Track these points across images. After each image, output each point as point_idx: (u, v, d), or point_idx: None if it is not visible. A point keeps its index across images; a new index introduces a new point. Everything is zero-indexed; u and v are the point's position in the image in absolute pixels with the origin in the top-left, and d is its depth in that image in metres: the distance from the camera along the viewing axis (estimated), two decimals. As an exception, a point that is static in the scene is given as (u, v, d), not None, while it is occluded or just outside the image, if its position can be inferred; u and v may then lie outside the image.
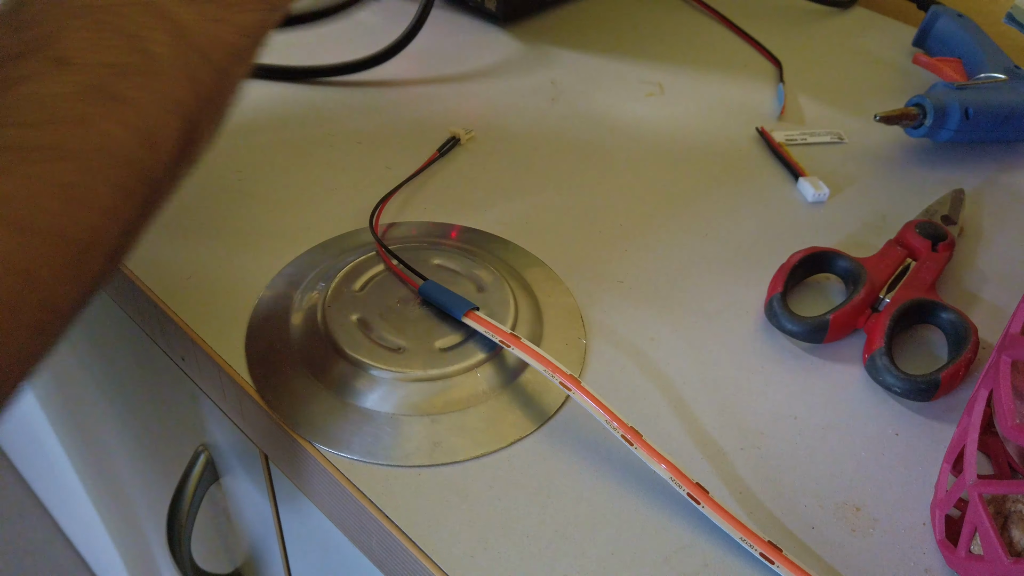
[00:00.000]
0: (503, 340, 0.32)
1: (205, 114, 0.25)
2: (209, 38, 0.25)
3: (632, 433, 0.30)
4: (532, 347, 0.32)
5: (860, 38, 0.64)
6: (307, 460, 0.31)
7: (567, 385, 0.31)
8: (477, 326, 0.33)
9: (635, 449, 0.30)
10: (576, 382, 0.31)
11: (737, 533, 0.28)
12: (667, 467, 0.29)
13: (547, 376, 0.31)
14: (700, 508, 0.29)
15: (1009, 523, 0.28)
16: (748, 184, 0.47)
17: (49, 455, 1.09)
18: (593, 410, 0.31)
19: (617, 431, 0.30)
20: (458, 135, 0.46)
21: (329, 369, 0.33)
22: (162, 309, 0.36)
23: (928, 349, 0.38)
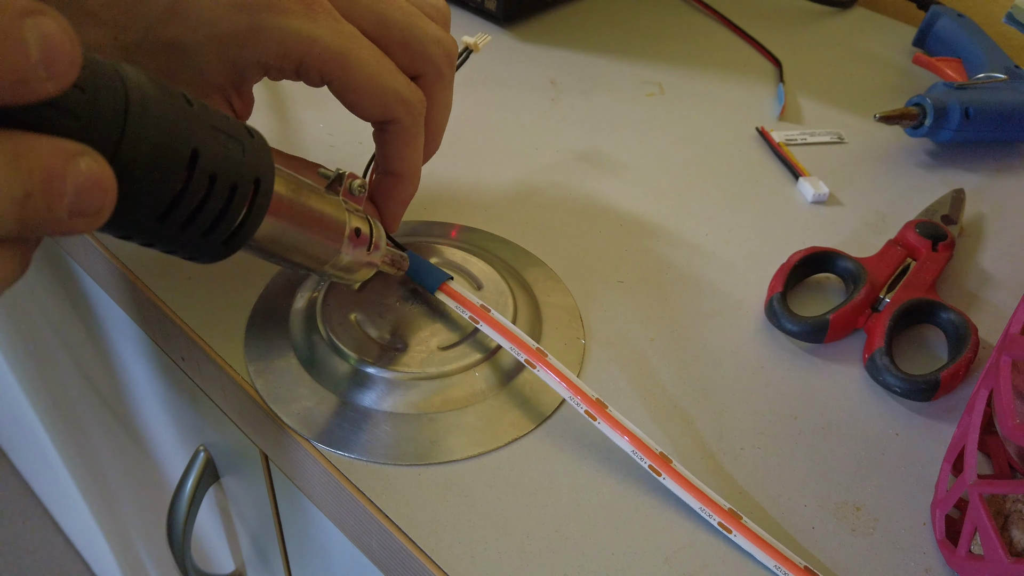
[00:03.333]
0: (472, 316, 0.33)
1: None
2: None
3: (596, 406, 0.30)
4: (500, 321, 0.32)
5: (860, 38, 0.63)
6: (307, 460, 0.31)
7: (531, 362, 0.31)
8: (449, 300, 0.33)
9: (599, 423, 0.30)
10: (541, 358, 0.31)
11: (696, 503, 0.29)
12: (629, 439, 0.30)
13: (513, 353, 0.31)
14: (661, 480, 0.29)
15: (1009, 523, 0.28)
16: (748, 184, 0.47)
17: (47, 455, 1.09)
18: (558, 385, 0.31)
19: (581, 406, 0.30)
20: (472, 45, 0.43)
21: (328, 368, 0.33)
22: (162, 309, 0.36)
23: (928, 349, 0.38)
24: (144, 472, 0.71)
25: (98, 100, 0.19)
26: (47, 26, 0.16)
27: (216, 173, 0.23)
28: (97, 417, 0.76)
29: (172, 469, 0.62)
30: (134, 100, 0.20)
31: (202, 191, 0.22)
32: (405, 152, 0.33)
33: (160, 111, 0.21)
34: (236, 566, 0.62)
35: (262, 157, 0.25)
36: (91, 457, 0.91)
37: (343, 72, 0.30)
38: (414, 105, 0.32)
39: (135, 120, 0.20)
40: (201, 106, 0.23)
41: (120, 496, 0.90)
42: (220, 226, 0.24)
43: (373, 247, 0.31)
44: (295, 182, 0.27)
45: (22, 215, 0.17)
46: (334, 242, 0.29)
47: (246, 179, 0.24)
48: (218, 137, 0.23)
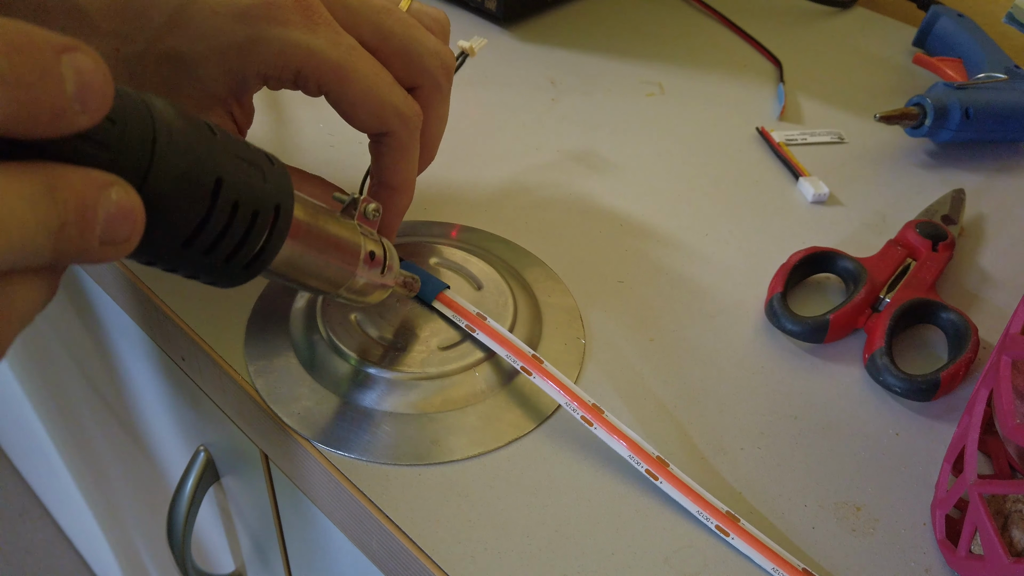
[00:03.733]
0: (469, 324, 0.33)
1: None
2: None
3: (592, 412, 0.30)
4: (496, 329, 0.32)
5: (860, 38, 0.63)
6: (307, 460, 0.31)
7: (527, 369, 0.31)
8: (445, 309, 0.34)
9: (595, 429, 0.30)
10: (537, 364, 0.31)
11: (694, 506, 0.29)
12: (627, 444, 0.30)
13: (509, 360, 0.32)
14: (659, 484, 0.29)
15: (1009, 523, 0.28)
16: (748, 184, 0.47)
17: (47, 455, 1.09)
18: (555, 392, 0.31)
19: (577, 412, 0.30)
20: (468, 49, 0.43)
21: (328, 368, 0.33)
22: (162, 309, 0.36)
23: (928, 349, 0.38)
24: (144, 472, 0.72)
25: (127, 131, 0.20)
26: (82, 62, 0.17)
27: (239, 200, 0.23)
28: (97, 417, 0.76)
29: (172, 469, 0.62)
30: (161, 130, 0.21)
31: (225, 218, 0.23)
32: (400, 165, 0.33)
33: (186, 141, 0.21)
34: (236, 566, 0.62)
35: (282, 184, 0.25)
36: (91, 457, 0.91)
37: (340, 84, 0.31)
38: (410, 119, 0.33)
39: (162, 150, 0.21)
40: (224, 135, 0.23)
41: (120, 496, 0.90)
42: (241, 252, 0.24)
43: (387, 269, 0.31)
44: (312, 207, 0.28)
45: (57, 245, 0.18)
46: (350, 266, 0.29)
47: (267, 206, 0.24)
48: (240, 165, 0.23)
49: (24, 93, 0.16)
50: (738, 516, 0.29)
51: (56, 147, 0.18)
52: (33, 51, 0.16)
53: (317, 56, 0.30)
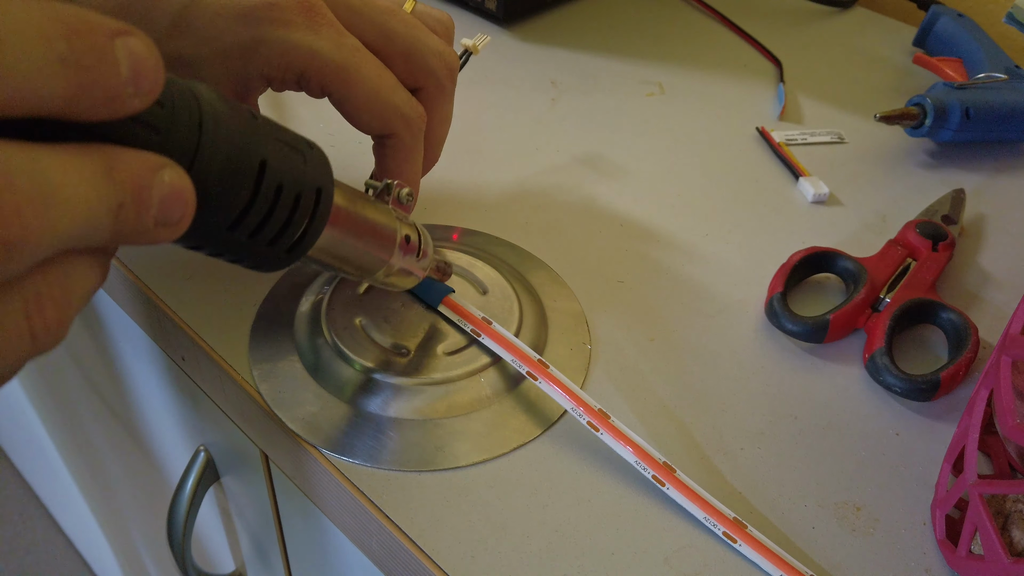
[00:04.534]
0: (474, 329, 0.33)
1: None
2: None
3: (598, 417, 0.30)
4: (502, 334, 0.32)
5: (860, 38, 0.63)
6: (308, 461, 0.31)
7: (533, 374, 0.31)
8: (451, 314, 0.34)
9: (601, 434, 0.30)
10: (543, 369, 0.31)
11: (701, 512, 0.29)
12: (633, 450, 0.30)
13: (515, 366, 0.32)
14: (665, 490, 0.29)
15: (1009, 523, 0.28)
16: (748, 184, 0.47)
17: (47, 455, 1.09)
18: (560, 397, 0.31)
19: (583, 417, 0.30)
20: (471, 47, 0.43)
21: (332, 373, 0.33)
22: (162, 309, 0.36)
23: (928, 349, 0.38)
24: (144, 472, 0.72)
25: (176, 115, 0.20)
26: (135, 45, 0.17)
27: (282, 183, 0.24)
28: (97, 417, 0.76)
29: (172, 469, 0.62)
30: (207, 115, 0.21)
31: (269, 201, 0.23)
32: (404, 166, 0.34)
33: (231, 125, 0.22)
34: (236, 566, 0.62)
35: (322, 168, 0.26)
36: (91, 457, 0.91)
37: (344, 85, 0.31)
38: (413, 120, 0.33)
39: (209, 133, 0.21)
40: (265, 120, 0.24)
41: (120, 496, 0.90)
42: (285, 235, 0.25)
43: (421, 254, 0.31)
44: (351, 192, 0.28)
45: (115, 225, 0.18)
46: (386, 251, 0.29)
47: (309, 189, 0.25)
48: (283, 149, 0.24)
49: (82, 76, 0.16)
50: (745, 523, 0.29)
51: (110, 130, 0.18)
52: (90, 34, 0.16)
53: (320, 58, 0.30)
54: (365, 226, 0.28)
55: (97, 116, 0.17)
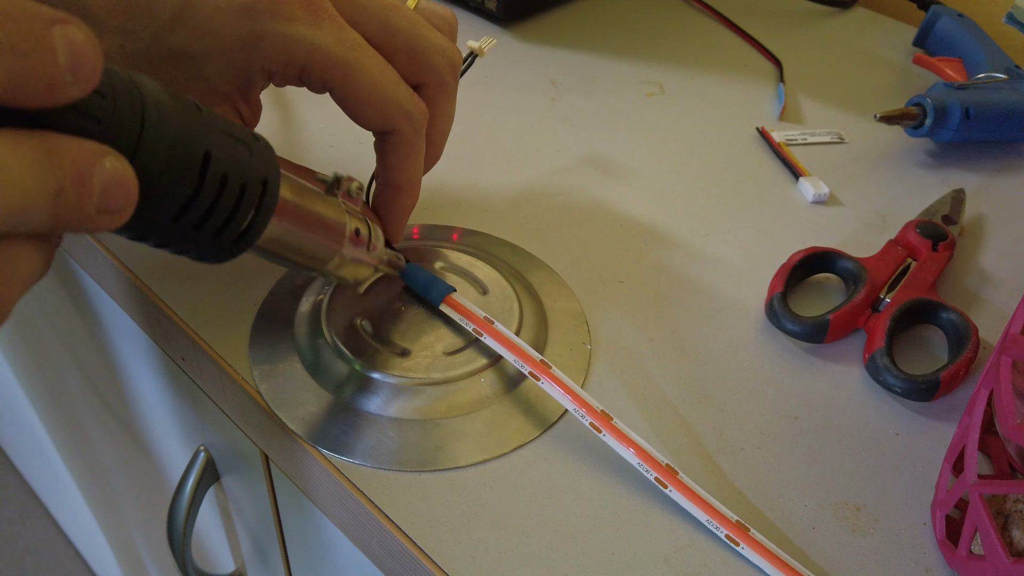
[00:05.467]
0: (476, 328, 0.33)
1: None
2: None
3: (601, 419, 0.30)
4: (504, 333, 0.32)
5: (860, 38, 0.63)
6: (308, 461, 0.31)
7: (535, 374, 0.31)
8: (452, 313, 0.33)
9: (604, 435, 0.30)
10: (545, 370, 0.31)
11: (704, 515, 0.29)
12: (635, 451, 0.30)
13: (517, 365, 0.32)
14: (667, 492, 0.29)
15: (1010, 523, 0.28)
16: (748, 184, 0.47)
17: (47, 455, 1.09)
18: (563, 398, 0.31)
19: (585, 418, 0.30)
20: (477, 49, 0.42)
21: (331, 372, 0.33)
22: (162, 309, 0.36)
23: (928, 349, 0.38)
24: (144, 472, 0.72)
25: (117, 105, 0.20)
26: (73, 34, 0.17)
27: (227, 174, 0.24)
28: (97, 417, 0.76)
29: (172, 469, 0.62)
30: (150, 105, 0.21)
31: (214, 192, 0.23)
32: (405, 163, 0.33)
33: (174, 116, 0.22)
34: (236, 566, 0.62)
35: (268, 159, 0.26)
36: (91, 457, 0.91)
37: (345, 80, 0.31)
38: (415, 116, 0.32)
39: (152, 123, 0.21)
40: (210, 112, 0.24)
41: (120, 496, 0.90)
42: (230, 226, 0.25)
43: (371, 248, 0.31)
44: (297, 185, 0.28)
45: (55, 210, 0.18)
46: (335, 243, 0.30)
47: (254, 180, 0.25)
48: (228, 140, 0.24)
49: (19, 62, 0.17)
50: (748, 526, 0.29)
51: (50, 118, 0.19)
52: (27, 21, 0.17)
53: (322, 52, 0.30)
54: (313, 218, 0.28)
55: (35, 103, 0.17)
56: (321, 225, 0.29)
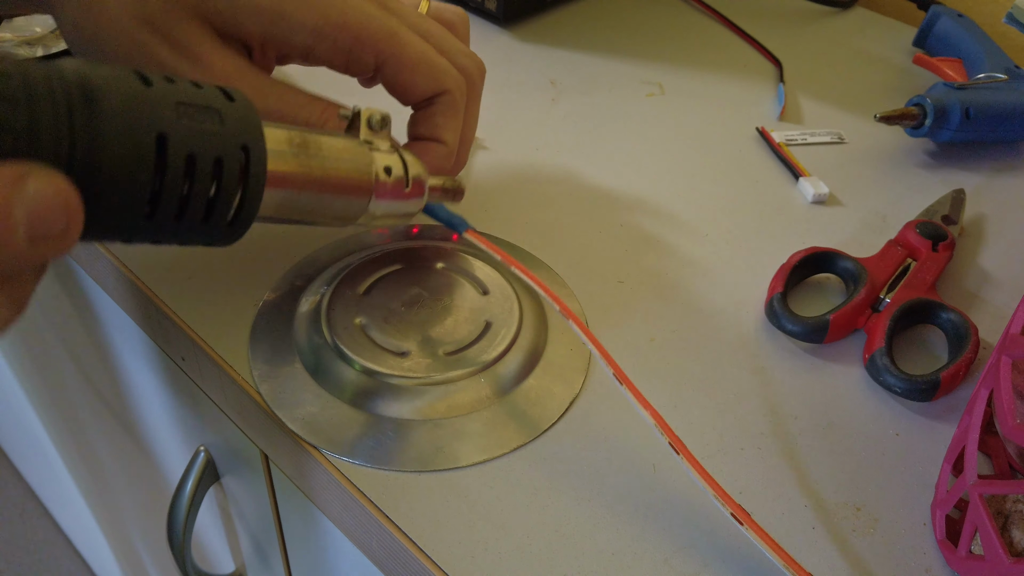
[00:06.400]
0: (502, 260, 0.31)
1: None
2: None
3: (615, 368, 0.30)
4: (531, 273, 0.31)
5: (860, 38, 0.64)
6: (308, 461, 0.31)
7: (564, 313, 0.30)
8: (478, 243, 0.32)
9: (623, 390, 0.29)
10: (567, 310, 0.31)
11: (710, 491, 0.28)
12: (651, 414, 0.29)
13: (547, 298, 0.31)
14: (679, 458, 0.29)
15: (1010, 523, 0.28)
16: (748, 184, 0.47)
17: (47, 455, 1.09)
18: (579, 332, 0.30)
19: (606, 367, 0.30)
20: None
21: (331, 372, 0.33)
22: (162, 309, 0.36)
23: (928, 349, 0.38)
24: (144, 472, 0.72)
25: (35, 109, 0.17)
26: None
27: (194, 153, 0.21)
28: (97, 417, 0.76)
29: (172, 469, 0.62)
30: (77, 99, 0.18)
31: (182, 176, 0.20)
32: (452, 123, 0.34)
33: (112, 104, 0.19)
34: (236, 566, 0.62)
35: (246, 121, 0.22)
36: (91, 457, 0.91)
37: (398, 49, 0.32)
38: (463, 80, 0.34)
39: (83, 122, 0.18)
40: (162, 82, 0.20)
41: (120, 496, 0.90)
42: (217, 208, 0.22)
43: (412, 182, 0.28)
44: (298, 137, 0.25)
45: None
46: (362, 192, 0.26)
47: (231, 151, 0.22)
48: (187, 112, 0.21)
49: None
50: (749, 512, 0.29)
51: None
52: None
53: (376, 21, 0.31)
54: (324, 173, 0.25)
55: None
56: (337, 180, 0.25)
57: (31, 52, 0.49)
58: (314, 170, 0.24)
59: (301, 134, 0.25)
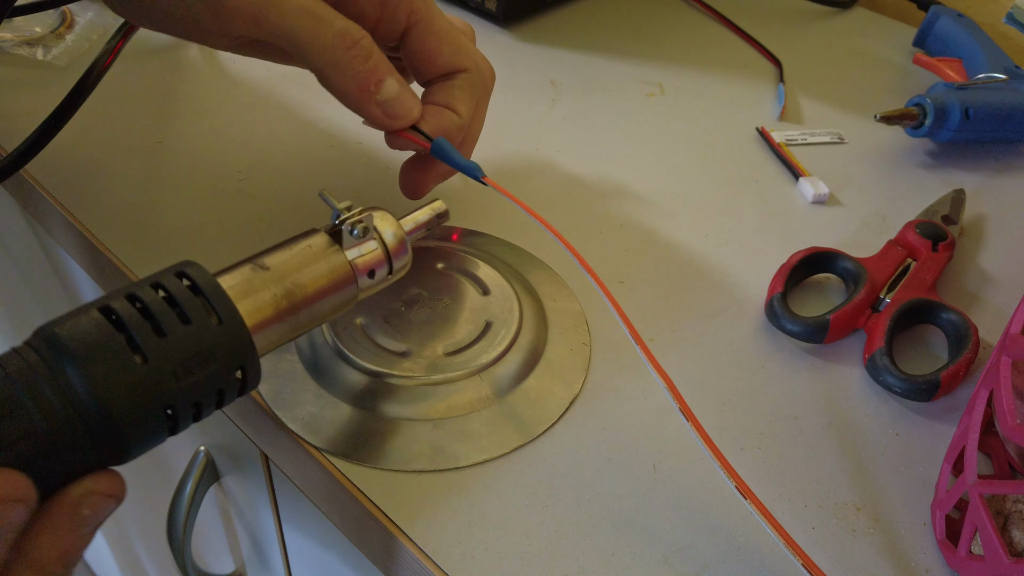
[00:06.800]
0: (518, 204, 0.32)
1: None
2: None
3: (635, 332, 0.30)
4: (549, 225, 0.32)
5: (860, 38, 0.64)
6: (308, 461, 0.31)
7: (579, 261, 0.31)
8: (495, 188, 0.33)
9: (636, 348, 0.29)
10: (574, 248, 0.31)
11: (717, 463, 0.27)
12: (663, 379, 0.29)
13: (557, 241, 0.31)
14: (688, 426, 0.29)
15: (1009, 523, 0.28)
16: (748, 184, 0.47)
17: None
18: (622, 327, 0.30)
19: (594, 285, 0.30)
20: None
21: (333, 373, 0.33)
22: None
23: (928, 349, 0.38)
24: (144, 472, 0.71)
25: (56, 431, 0.20)
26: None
27: (199, 401, 0.23)
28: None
29: (172, 469, 0.62)
30: (94, 417, 0.21)
31: (191, 413, 0.23)
32: (468, 100, 0.34)
33: (122, 410, 0.21)
34: (236, 566, 0.62)
35: (237, 340, 0.24)
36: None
37: (430, 15, 0.33)
38: (485, 70, 0.35)
39: (102, 430, 0.21)
40: (157, 350, 0.22)
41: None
42: (225, 400, 0.24)
43: (397, 255, 0.30)
44: (280, 292, 0.26)
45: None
46: (348, 298, 0.29)
47: (230, 381, 0.24)
48: (186, 367, 0.23)
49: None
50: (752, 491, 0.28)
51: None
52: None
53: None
54: (311, 309, 0.27)
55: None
56: (321, 302, 0.27)
57: (31, 52, 0.49)
58: (299, 308, 0.27)
59: (284, 287, 0.26)
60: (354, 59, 0.30)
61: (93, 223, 0.39)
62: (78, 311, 0.22)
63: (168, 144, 0.44)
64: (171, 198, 0.41)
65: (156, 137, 0.45)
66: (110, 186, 0.41)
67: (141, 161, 0.43)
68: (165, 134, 0.45)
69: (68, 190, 0.41)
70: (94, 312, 0.22)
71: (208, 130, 0.46)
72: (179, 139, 0.45)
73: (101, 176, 0.42)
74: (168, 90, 0.49)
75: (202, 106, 0.47)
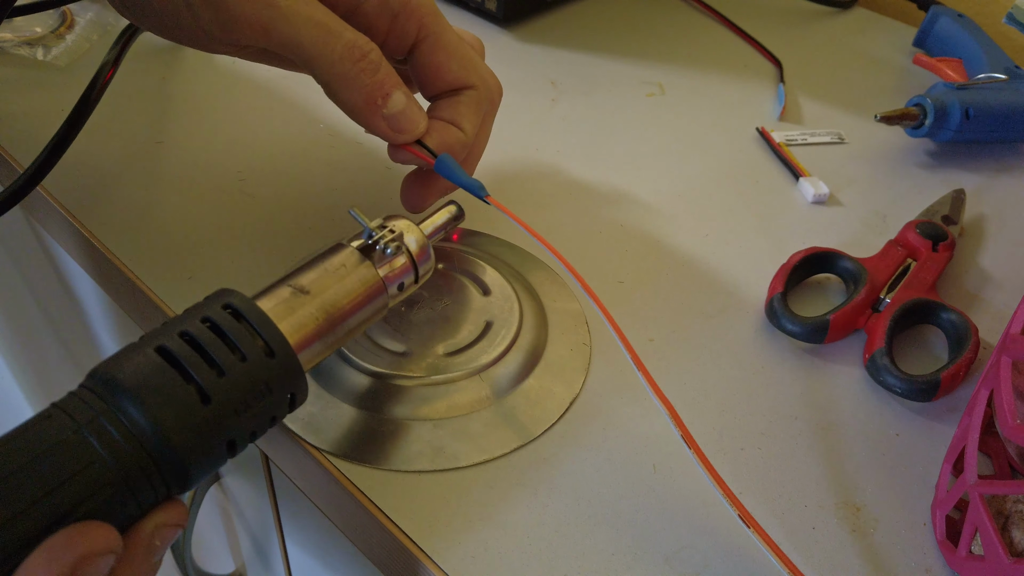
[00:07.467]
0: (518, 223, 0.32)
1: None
2: None
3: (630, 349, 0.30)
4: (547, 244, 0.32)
5: (860, 38, 0.64)
6: (308, 461, 0.31)
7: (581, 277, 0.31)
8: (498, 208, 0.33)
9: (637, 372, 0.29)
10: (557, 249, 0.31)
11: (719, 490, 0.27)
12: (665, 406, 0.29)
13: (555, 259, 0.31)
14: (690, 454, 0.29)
15: (1010, 523, 0.28)
16: (748, 184, 0.47)
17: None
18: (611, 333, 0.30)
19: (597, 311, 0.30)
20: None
21: (333, 374, 0.33)
22: (162, 309, 0.36)
23: (928, 349, 0.38)
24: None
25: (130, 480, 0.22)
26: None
27: (255, 431, 0.25)
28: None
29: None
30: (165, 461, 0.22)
31: (248, 441, 0.25)
32: (473, 117, 0.34)
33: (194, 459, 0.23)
34: (236, 566, 0.62)
35: (289, 373, 0.25)
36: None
37: (440, 29, 0.32)
38: (492, 86, 0.35)
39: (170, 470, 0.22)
40: (219, 390, 0.23)
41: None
42: (276, 423, 0.26)
43: (422, 261, 0.31)
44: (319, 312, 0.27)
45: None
46: (380, 308, 0.30)
47: (281, 407, 0.25)
48: (245, 404, 0.24)
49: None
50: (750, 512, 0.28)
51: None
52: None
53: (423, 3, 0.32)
54: (351, 322, 0.29)
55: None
56: (355, 312, 0.29)
57: (31, 52, 0.49)
58: (336, 326, 0.28)
59: (323, 309, 0.28)
60: (362, 72, 0.30)
61: (93, 223, 0.39)
62: (131, 350, 0.23)
63: (168, 144, 0.44)
64: (171, 198, 0.41)
65: (156, 137, 0.45)
66: (110, 186, 0.41)
67: (141, 161, 0.43)
68: (165, 134, 0.45)
69: (68, 190, 0.41)
70: (151, 352, 0.23)
71: (208, 130, 0.46)
72: (179, 139, 0.45)
73: (101, 176, 0.42)
74: (168, 90, 0.49)
75: (202, 106, 0.47)
